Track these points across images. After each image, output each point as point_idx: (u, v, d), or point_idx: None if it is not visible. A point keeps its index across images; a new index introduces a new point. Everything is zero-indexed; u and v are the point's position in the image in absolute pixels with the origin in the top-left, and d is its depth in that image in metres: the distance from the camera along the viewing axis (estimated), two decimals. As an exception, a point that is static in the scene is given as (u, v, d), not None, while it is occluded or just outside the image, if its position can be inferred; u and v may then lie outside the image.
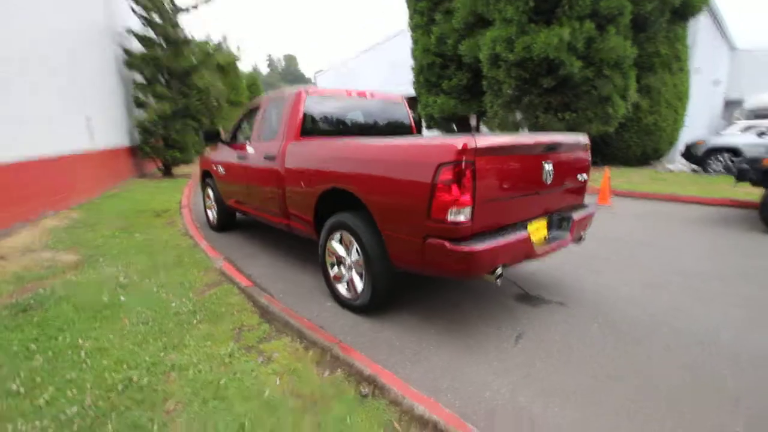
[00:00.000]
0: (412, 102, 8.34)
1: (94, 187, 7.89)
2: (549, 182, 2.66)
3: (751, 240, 4.66)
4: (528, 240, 2.49)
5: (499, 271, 2.32)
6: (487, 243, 2.21)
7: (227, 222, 5.41)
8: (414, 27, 12.08)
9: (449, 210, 2.16)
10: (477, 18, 9.99)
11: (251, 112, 4.69)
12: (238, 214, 5.28)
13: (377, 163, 2.52)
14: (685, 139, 11.47)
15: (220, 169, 4.94)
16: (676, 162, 12.06)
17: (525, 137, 2.58)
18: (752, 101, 14.94)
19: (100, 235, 4.99)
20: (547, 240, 2.75)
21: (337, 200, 3.09)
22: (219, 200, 5.22)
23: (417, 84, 12.44)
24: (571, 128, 9.18)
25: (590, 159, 3.20)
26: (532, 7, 8.27)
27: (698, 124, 15.17)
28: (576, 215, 2.94)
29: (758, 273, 3.64)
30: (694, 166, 10.18)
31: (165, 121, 10.30)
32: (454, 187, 2.13)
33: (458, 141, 2.14)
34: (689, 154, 10.08)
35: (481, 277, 2.36)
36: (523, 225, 2.56)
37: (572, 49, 8.25)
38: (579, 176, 3.06)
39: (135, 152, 10.65)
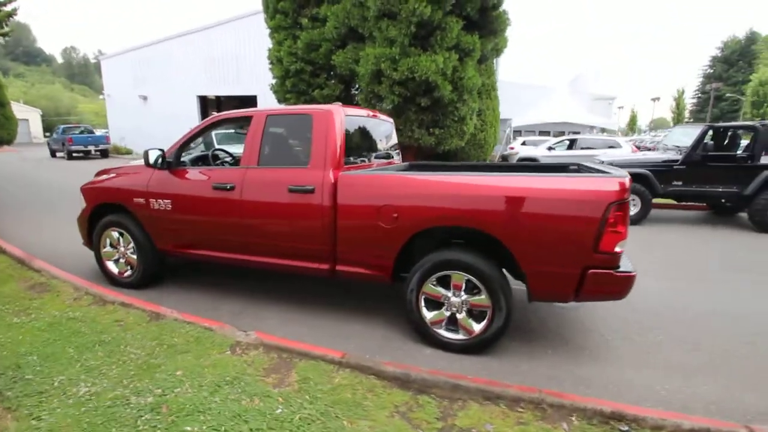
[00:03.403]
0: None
1: None
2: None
3: (755, 238, 6.24)
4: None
5: None
6: (630, 266, 2.56)
7: (155, 272, 3.96)
8: (276, 27, 11.27)
9: (617, 243, 2.40)
10: (349, 30, 10.21)
11: (209, 128, 3.61)
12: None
13: (528, 200, 2.50)
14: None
15: (160, 203, 3.57)
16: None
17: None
18: (517, 121, 20.63)
19: None
20: None
21: (425, 238, 2.85)
22: (146, 245, 3.76)
23: (281, 89, 11.67)
24: (438, 143, 10.60)
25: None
26: (413, 32, 9.08)
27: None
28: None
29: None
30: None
31: None
32: (621, 222, 2.39)
33: (618, 179, 2.41)
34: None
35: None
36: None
37: (443, 75, 9.52)
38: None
39: None
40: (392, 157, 4.30)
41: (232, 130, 9.83)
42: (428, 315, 2.86)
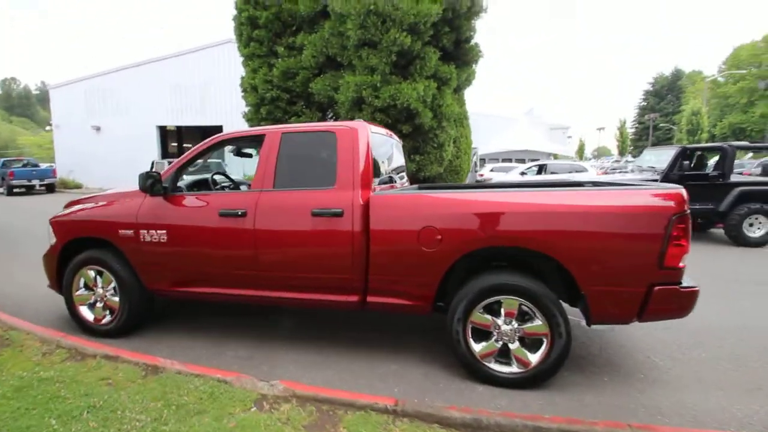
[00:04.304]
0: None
1: None
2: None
3: (735, 252, 6.48)
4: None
5: None
6: (690, 281, 2.45)
7: (142, 316, 3.42)
8: (250, 55, 11.06)
9: (683, 256, 2.29)
10: (327, 59, 10.21)
11: (211, 149, 3.25)
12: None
13: (590, 216, 2.34)
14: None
15: (152, 235, 3.11)
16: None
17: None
18: (480, 149, 21.40)
19: None
20: None
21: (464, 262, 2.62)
22: (131, 285, 3.24)
23: (255, 117, 11.33)
24: (419, 169, 10.61)
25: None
26: (393, 60, 9.19)
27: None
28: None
29: None
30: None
31: None
32: (684, 235, 2.28)
33: (677, 191, 2.32)
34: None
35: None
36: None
37: (423, 102, 9.64)
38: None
39: None
40: (394, 181, 4.07)
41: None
42: (477, 347, 2.58)
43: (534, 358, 2.50)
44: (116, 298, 3.31)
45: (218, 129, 19.20)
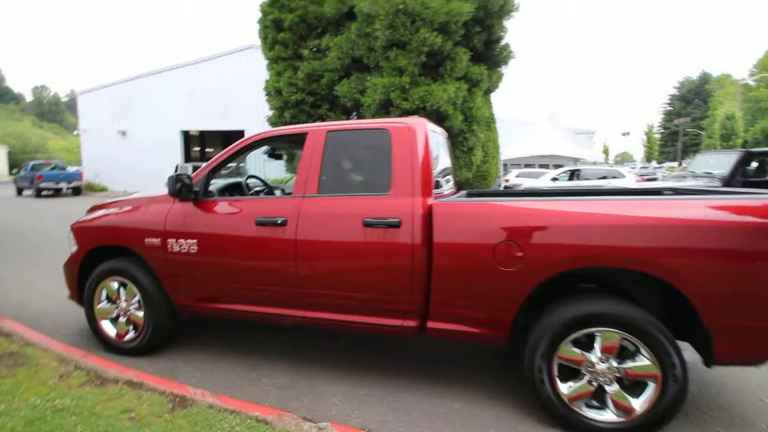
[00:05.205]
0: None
1: None
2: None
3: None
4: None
5: None
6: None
7: (169, 334, 3.10)
8: (275, 58, 10.88)
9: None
10: (353, 61, 9.93)
11: (247, 149, 2.92)
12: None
13: (720, 232, 1.89)
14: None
15: (182, 245, 2.78)
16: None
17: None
18: (501, 155, 20.75)
19: None
20: None
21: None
22: (157, 299, 2.92)
23: (279, 121, 11.12)
24: (447, 173, 10.20)
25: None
26: (423, 61, 8.83)
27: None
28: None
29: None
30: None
31: None
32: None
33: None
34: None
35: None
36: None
37: (453, 105, 9.23)
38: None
39: None
40: (441, 186, 3.67)
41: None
42: (565, 388, 2.14)
43: (638, 404, 2.04)
44: (140, 313, 3.00)
45: (240, 134, 19.22)
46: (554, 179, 12.58)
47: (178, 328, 3.20)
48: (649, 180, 16.39)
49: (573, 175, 12.95)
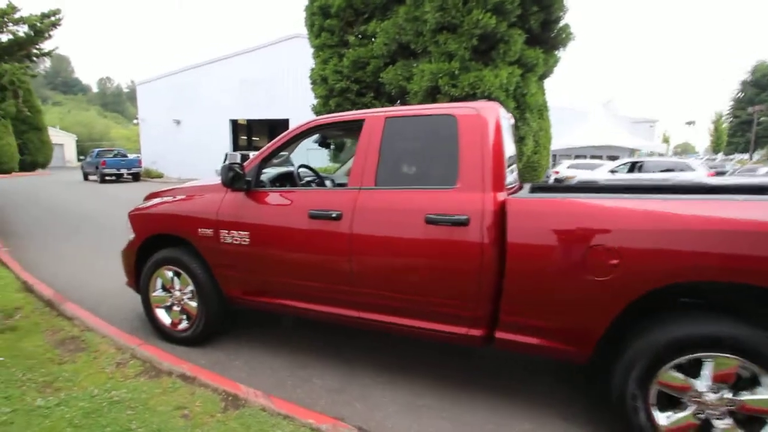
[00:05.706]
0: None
1: None
2: None
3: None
4: None
5: None
6: None
7: (221, 325, 3.07)
8: (321, 45, 10.78)
9: None
10: (399, 47, 9.60)
11: (301, 137, 2.76)
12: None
13: None
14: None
15: (234, 236, 2.69)
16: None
17: None
18: (553, 144, 19.55)
19: None
20: None
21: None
22: (210, 290, 2.87)
23: (324, 109, 11.07)
24: (496, 164, 9.70)
25: None
26: (474, 45, 8.36)
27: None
28: None
29: None
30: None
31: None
32: None
33: None
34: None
35: None
36: None
37: (505, 91, 8.70)
38: None
39: None
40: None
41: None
42: (663, 419, 1.82)
43: (767, 448, 1.69)
44: (194, 303, 2.98)
45: (285, 122, 19.52)
46: (613, 171, 11.65)
47: (231, 320, 3.16)
48: (718, 173, 14.85)
49: (633, 167, 11.94)
